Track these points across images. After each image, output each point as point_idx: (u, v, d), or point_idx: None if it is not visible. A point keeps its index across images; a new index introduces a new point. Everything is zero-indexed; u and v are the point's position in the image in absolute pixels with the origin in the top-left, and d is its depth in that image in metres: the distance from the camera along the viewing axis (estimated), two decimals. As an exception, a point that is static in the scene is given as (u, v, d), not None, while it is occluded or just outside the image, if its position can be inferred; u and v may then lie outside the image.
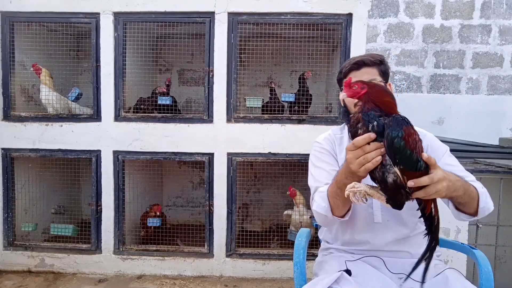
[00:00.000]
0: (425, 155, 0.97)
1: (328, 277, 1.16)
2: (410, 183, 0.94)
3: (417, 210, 1.05)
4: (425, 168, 0.97)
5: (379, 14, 4.00)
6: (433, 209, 1.04)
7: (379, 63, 1.35)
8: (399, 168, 0.94)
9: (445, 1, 3.94)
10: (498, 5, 3.90)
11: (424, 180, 0.95)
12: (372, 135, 0.96)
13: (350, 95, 1.05)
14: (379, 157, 0.96)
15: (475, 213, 1.22)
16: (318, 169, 1.37)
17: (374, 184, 1.05)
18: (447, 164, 1.31)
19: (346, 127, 1.40)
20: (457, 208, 1.24)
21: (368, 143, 0.96)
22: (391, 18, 4.00)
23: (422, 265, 1.30)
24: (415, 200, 1.01)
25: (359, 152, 0.98)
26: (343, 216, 1.24)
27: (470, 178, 1.28)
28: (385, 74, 1.37)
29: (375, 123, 0.96)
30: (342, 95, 1.08)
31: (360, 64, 1.34)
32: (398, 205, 1.01)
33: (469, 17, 3.94)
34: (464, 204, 1.19)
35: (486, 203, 1.21)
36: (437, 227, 1.05)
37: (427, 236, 1.07)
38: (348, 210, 1.23)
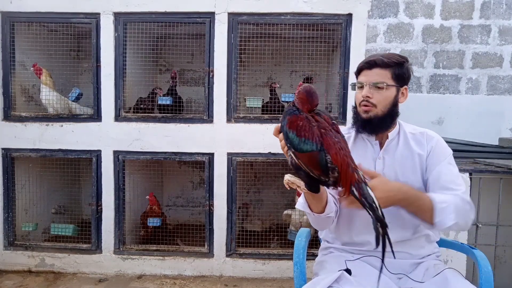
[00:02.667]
0: (362, 169, 1.10)
1: (328, 277, 1.17)
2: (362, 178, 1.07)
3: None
4: (320, 149, 1.05)
5: (379, 14, 4.00)
6: (356, 193, 1.05)
7: (393, 65, 1.30)
8: (292, 151, 1.07)
9: (445, 2, 3.94)
10: (498, 5, 3.91)
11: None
12: (278, 126, 1.13)
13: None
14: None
15: (431, 226, 1.22)
16: None
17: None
18: (439, 171, 1.30)
19: (355, 127, 1.41)
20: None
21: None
22: (391, 19, 4.00)
23: (423, 265, 1.31)
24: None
25: (281, 143, 1.13)
26: (322, 212, 1.26)
27: (457, 191, 1.25)
28: (399, 77, 1.31)
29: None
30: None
31: (371, 64, 1.30)
32: (314, 189, 1.12)
33: (468, 17, 3.94)
34: (415, 215, 1.21)
35: (443, 219, 1.18)
36: (372, 207, 1.04)
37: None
38: (325, 206, 1.25)
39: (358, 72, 1.36)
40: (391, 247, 1.01)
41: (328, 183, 1.06)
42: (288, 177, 1.15)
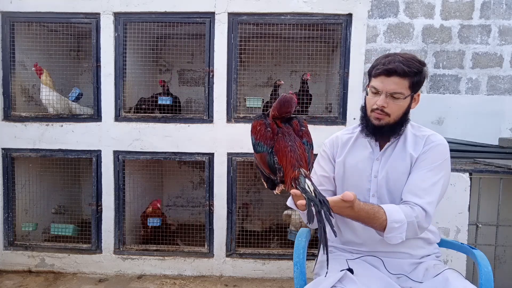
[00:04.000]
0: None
1: (331, 276, 1.17)
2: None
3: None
4: (270, 151, 1.20)
5: (379, 14, 4.00)
6: (294, 185, 1.11)
7: (413, 74, 1.25)
8: (253, 151, 1.24)
9: (445, 2, 3.94)
10: (498, 5, 3.91)
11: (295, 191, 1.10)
12: None
13: None
14: None
15: (382, 235, 1.22)
16: (312, 170, 1.41)
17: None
18: (415, 175, 1.29)
19: (359, 128, 1.40)
20: None
21: None
22: (391, 18, 4.00)
23: (423, 265, 1.31)
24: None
25: None
26: (305, 210, 1.27)
27: (424, 199, 1.24)
28: (416, 85, 1.28)
29: None
30: None
31: (391, 72, 1.24)
32: (270, 186, 1.27)
33: (468, 17, 3.94)
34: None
35: (391, 236, 1.19)
36: (304, 190, 1.07)
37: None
38: None
39: (374, 76, 1.30)
40: (331, 226, 1.02)
41: (277, 181, 1.21)
42: (261, 175, 1.35)
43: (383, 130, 1.32)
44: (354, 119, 2.43)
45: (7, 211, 2.58)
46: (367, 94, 1.35)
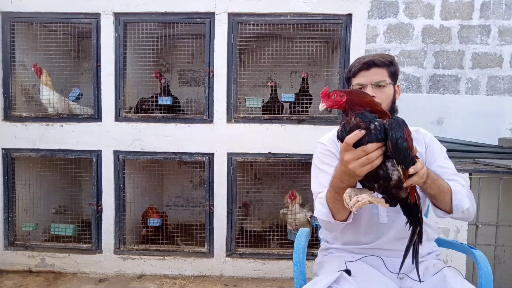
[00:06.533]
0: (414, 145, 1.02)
1: (328, 277, 1.17)
2: (411, 170, 0.99)
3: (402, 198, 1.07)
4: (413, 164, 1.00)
5: (378, 14, 4.00)
6: (416, 197, 1.07)
7: (389, 64, 1.34)
8: (402, 167, 0.97)
9: (445, 2, 3.94)
10: (498, 6, 3.91)
11: (418, 166, 1.00)
12: (357, 134, 0.98)
13: (330, 105, 1.06)
14: (381, 157, 0.97)
15: (450, 211, 1.25)
16: (322, 172, 1.36)
17: (360, 186, 1.09)
18: (440, 166, 1.35)
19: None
20: (433, 204, 1.28)
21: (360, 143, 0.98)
22: (391, 19, 4.00)
23: (423, 264, 1.31)
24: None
25: (359, 152, 0.97)
26: (346, 219, 1.23)
27: (461, 182, 1.31)
28: (394, 75, 1.36)
29: (376, 123, 0.97)
30: (322, 106, 1.07)
31: (370, 64, 1.33)
32: (396, 203, 1.04)
33: (468, 18, 3.94)
34: (436, 197, 1.22)
35: (460, 201, 1.22)
36: (421, 214, 1.10)
37: (409, 226, 1.11)
38: (350, 213, 1.22)
39: (353, 75, 1.37)
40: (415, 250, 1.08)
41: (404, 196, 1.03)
42: (368, 198, 1.00)
43: None
44: (354, 119, 2.43)
45: (7, 211, 2.58)
46: None
